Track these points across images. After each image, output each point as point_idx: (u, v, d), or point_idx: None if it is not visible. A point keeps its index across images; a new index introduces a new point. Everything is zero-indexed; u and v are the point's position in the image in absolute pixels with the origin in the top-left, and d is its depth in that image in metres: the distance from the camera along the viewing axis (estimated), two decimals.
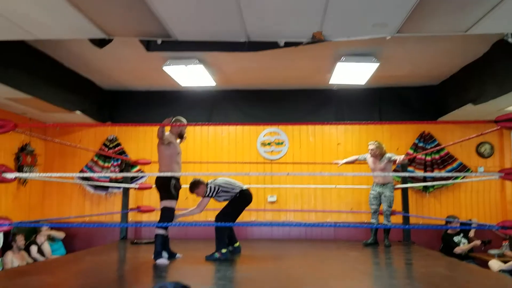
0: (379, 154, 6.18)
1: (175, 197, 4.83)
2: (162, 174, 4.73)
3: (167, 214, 4.78)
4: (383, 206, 6.17)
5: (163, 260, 4.64)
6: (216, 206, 5.46)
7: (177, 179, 4.93)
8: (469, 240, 6.74)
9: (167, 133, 4.95)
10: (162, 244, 4.73)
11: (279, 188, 7.72)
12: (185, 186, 5.19)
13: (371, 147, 6.22)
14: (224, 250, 4.89)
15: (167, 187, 4.77)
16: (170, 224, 4.71)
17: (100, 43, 4.42)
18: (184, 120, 5.07)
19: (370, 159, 6.32)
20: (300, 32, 4.23)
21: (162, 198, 4.82)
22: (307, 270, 4.47)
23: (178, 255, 5.04)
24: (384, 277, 4.21)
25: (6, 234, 6.28)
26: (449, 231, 6.77)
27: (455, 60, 5.82)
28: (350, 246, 6.21)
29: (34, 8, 3.64)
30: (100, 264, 4.71)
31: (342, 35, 4.28)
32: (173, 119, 5.01)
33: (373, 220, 6.29)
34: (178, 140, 5.11)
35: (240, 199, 5.22)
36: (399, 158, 6.16)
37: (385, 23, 3.99)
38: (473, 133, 4.71)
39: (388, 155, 6.19)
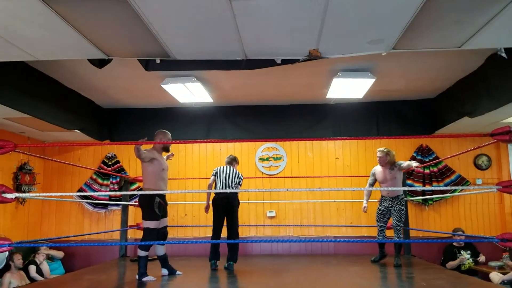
0: (388, 162, 5.65)
1: (158, 217, 4.76)
2: (161, 192, 4.73)
3: (148, 236, 4.71)
4: (393, 221, 5.61)
5: (148, 278, 4.66)
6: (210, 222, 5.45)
7: (162, 197, 4.87)
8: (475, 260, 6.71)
9: (146, 150, 4.90)
10: (145, 265, 4.71)
11: (278, 203, 7.72)
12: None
13: (379, 154, 5.72)
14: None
15: (150, 207, 4.70)
16: (151, 243, 4.65)
17: (100, 63, 4.47)
18: (168, 134, 5.07)
19: (378, 171, 5.79)
20: (296, 50, 4.28)
21: (144, 217, 4.76)
22: (307, 285, 4.45)
23: (178, 272, 5.01)
24: None
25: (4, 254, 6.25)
26: (454, 244, 6.75)
27: (451, 73, 5.88)
28: (350, 260, 6.19)
29: (34, 30, 3.69)
30: (99, 282, 4.69)
31: (338, 52, 4.33)
32: (156, 133, 5.03)
33: (379, 237, 5.79)
34: (164, 156, 5.07)
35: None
36: (409, 164, 5.54)
37: (380, 40, 4.05)
38: (470, 146, 4.76)
39: (399, 163, 5.64)
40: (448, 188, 5.16)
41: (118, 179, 7.78)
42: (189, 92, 6.17)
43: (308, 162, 7.90)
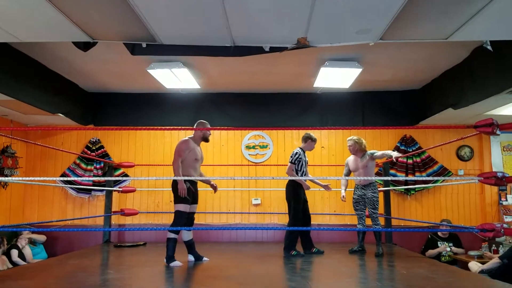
0: (358, 150, 5.73)
1: (187, 201, 4.84)
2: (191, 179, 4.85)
3: (177, 219, 4.81)
4: (368, 209, 5.68)
5: (176, 263, 4.70)
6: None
7: (193, 184, 4.97)
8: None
9: (186, 138, 5.02)
10: (173, 248, 4.77)
11: (263, 191, 7.76)
12: (202, 189, 5.21)
13: (349, 143, 5.80)
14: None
15: (177, 191, 4.81)
16: (180, 228, 4.72)
17: (85, 46, 4.40)
18: (206, 124, 5.14)
19: (351, 160, 5.88)
20: (285, 38, 4.28)
21: (175, 201, 4.88)
22: (291, 272, 4.51)
23: (205, 258, 5.05)
24: (366, 279, 4.27)
25: None
26: (439, 234, 6.87)
27: (436, 65, 5.94)
28: (333, 248, 6.26)
29: (19, 11, 3.61)
30: (83, 268, 4.67)
31: (327, 41, 4.34)
32: (197, 123, 5.11)
33: (359, 226, 5.81)
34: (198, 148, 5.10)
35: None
36: (384, 153, 5.60)
37: (368, 30, 4.07)
38: (453, 137, 4.83)
39: (369, 152, 5.72)
40: (430, 178, 5.23)
41: (102, 165, 7.71)
42: (176, 78, 6.13)
43: None
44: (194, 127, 5.09)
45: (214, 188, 5.34)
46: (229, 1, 3.54)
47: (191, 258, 5.02)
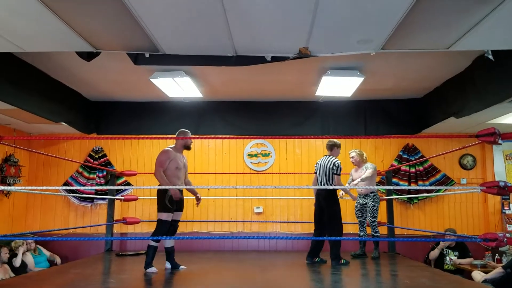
0: (360, 161, 6.13)
1: (170, 210, 4.88)
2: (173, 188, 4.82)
3: (159, 227, 4.86)
4: (368, 217, 6.06)
5: (152, 269, 4.77)
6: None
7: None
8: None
9: (167, 148, 5.03)
10: (152, 255, 4.83)
11: (265, 199, 7.75)
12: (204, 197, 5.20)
13: (352, 154, 6.18)
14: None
15: (162, 199, 4.86)
16: (161, 238, 4.73)
17: (88, 56, 4.43)
18: (188, 133, 5.18)
19: (352, 170, 6.28)
20: (286, 48, 4.30)
21: (158, 209, 4.92)
22: (294, 281, 4.49)
23: (182, 266, 5.06)
24: None
25: None
26: (447, 243, 6.81)
27: (438, 74, 5.94)
28: None
29: (23, 22, 3.64)
30: (84, 276, 4.66)
31: (328, 51, 4.36)
32: (178, 132, 5.17)
33: (360, 233, 6.20)
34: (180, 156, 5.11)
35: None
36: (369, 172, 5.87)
37: (369, 40, 4.08)
38: (456, 145, 4.82)
39: (368, 164, 6.07)
40: (433, 187, 5.24)
41: (104, 173, 7.72)
42: (178, 87, 6.15)
43: (296, 158, 7.93)
44: (176, 135, 5.14)
45: (198, 200, 5.32)
46: (231, 12, 3.56)
47: (168, 266, 5.04)
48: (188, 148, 5.20)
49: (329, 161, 5.52)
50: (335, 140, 5.73)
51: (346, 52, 4.36)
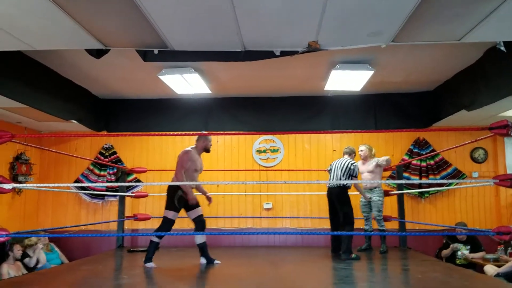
0: (368, 156, 6.22)
1: (176, 209, 4.90)
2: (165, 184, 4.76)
3: (164, 224, 4.90)
4: (373, 212, 6.14)
5: (151, 264, 4.84)
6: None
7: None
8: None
9: (188, 149, 5.07)
10: (153, 251, 4.91)
11: (275, 195, 7.74)
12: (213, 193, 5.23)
13: (361, 148, 6.27)
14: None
15: (171, 197, 4.88)
16: (165, 234, 4.78)
17: (97, 53, 4.43)
18: (208, 137, 5.21)
19: (360, 163, 6.27)
20: (296, 42, 4.27)
21: (165, 207, 4.95)
22: (304, 276, 4.48)
23: (216, 261, 5.08)
24: (380, 283, 4.23)
25: (1, 245, 6.24)
26: (457, 237, 6.73)
27: (449, 66, 5.88)
28: None
29: (32, 20, 3.66)
30: (96, 273, 4.69)
31: (338, 44, 4.32)
32: (199, 137, 5.21)
33: (366, 227, 6.28)
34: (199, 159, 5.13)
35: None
36: (383, 159, 6.13)
37: (380, 32, 4.04)
38: (467, 139, 4.77)
39: (376, 158, 6.19)
40: (444, 181, 5.20)
41: (115, 170, 7.76)
42: (187, 83, 6.15)
43: (306, 154, 7.91)
44: (196, 139, 5.19)
45: (209, 199, 5.33)
46: (240, 7, 3.54)
47: (203, 261, 5.06)
48: (207, 151, 5.21)
49: (345, 162, 5.67)
50: (352, 147, 5.96)
51: (356, 45, 4.32)
